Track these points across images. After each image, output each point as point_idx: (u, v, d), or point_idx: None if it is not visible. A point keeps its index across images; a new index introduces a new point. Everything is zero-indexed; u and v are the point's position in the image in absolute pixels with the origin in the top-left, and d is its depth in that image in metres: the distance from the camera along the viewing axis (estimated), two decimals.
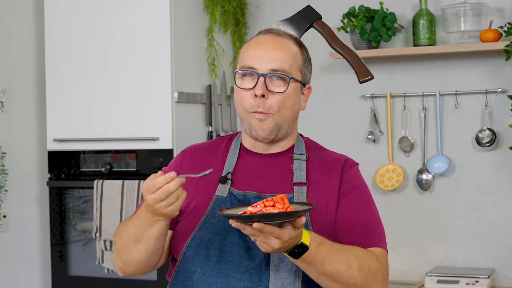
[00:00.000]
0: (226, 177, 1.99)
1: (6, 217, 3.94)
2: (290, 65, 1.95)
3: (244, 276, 1.89)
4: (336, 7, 3.95)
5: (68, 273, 3.91)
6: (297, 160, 2.01)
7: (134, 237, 1.91)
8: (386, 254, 1.96)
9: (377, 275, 1.89)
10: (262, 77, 1.92)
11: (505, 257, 3.72)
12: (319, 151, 2.07)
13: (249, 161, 2.03)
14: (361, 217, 1.97)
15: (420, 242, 3.86)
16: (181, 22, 3.73)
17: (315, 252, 1.79)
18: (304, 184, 1.97)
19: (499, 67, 3.70)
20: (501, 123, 3.71)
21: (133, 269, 1.99)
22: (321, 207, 1.94)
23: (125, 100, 3.73)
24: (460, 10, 3.65)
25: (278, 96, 1.93)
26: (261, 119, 1.95)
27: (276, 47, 1.96)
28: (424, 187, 3.83)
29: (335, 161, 2.03)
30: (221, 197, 1.98)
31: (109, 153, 3.79)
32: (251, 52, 1.97)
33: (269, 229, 1.69)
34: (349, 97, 3.98)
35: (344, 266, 1.83)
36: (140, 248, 1.92)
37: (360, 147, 3.96)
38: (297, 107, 2.00)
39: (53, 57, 3.88)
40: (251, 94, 1.94)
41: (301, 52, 2.01)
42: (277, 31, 2.02)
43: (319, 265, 1.81)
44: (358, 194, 2.00)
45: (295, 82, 1.97)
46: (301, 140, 2.07)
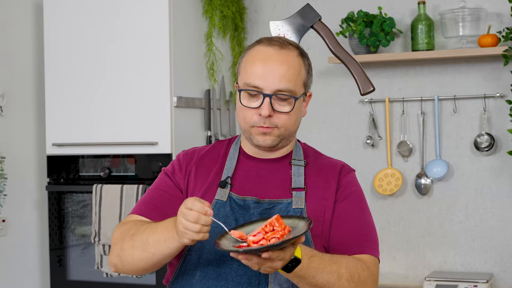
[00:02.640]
0: (225, 182, 2.00)
1: (5, 221, 3.94)
2: (295, 83, 1.95)
3: (243, 280, 1.90)
4: (334, 12, 3.96)
5: (67, 277, 3.90)
6: (296, 165, 2.03)
7: (145, 244, 1.88)
8: (377, 262, 1.98)
9: (367, 283, 1.90)
10: (268, 98, 1.92)
11: (503, 261, 3.72)
12: (316, 156, 2.09)
13: (248, 166, 2.04)
14: (355, 223, 1.98)
15: (419, 247, 3.86)
16: (180, 26, 3.74)
17: (308, 264, 1.80)
18: (303, 189, 1.98)
19: (497, 72, 3.71)
20: (500, 128, 3.71)
21: (128, 271, 1.97)
22: (318, 212, 1.96)
23: (124, 105, 3.73)
24: (458, 15, 3.66)
25: (283, 115, 1.95)
26: (265, 133, 1.96)
27: (281, 64, 1.94)
28: (422, 191, 3.83)
29: (333, 167, 2.05)
30: (220, 201, 1.99)
31: (108, 157, 3.80)
32: (256, 69, 1.94)
33: (276, 256, 1.69)
34: (347, 102, 3.99)
35: (334, 277, 1.84)
36: (147, 257, 1.90)
37: (358, 152, 3.96)
38: (301, 117, 2.03)
39: (52, 62, 3.89)
40: (256, 112, 1.94)
41: (304, 64, 1.99)
42: (279, 41, 1.99)
43: (311, 277, 1.82)
44: (353, 200, 2.01)
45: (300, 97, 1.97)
46: (299, 146, 2.09)
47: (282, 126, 1.96)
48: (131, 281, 3.72)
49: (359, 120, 3.96)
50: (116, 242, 1.98)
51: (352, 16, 3.82)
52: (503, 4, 3.68)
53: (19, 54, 4.08)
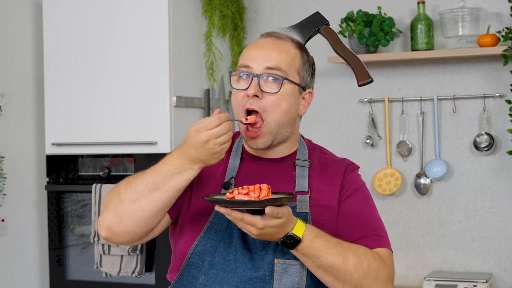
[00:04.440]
0: (229, 183, 1.98)
1: (4, 221, 3.93)
2: (287, 65, 1.93)
3: (247, 286, 1.88)
4: (334, 12, 3.96)
5: (66, 277, 3.90)
6: (300, 166, 1.99)
7: (152, 184, 1.83)
8: (391, 255, 1.93)
9: (379, 274, 1.85)
10: (256, 78, 1.90)
11: (503, 261, 3.72)
12: (321, 155, 2.05)
13: (252, 166, 2.01)
14: (362, 218, 1.96)
15: (418, 247, 3.86)
16: (179, 26, 3.74)
17: (309, 244, 1.81)
18: (307, 192, 1.95)
19: (497, 72, 3.71)
20: (499, 127, 3.71)
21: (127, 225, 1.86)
22: (323, 216, 1.94)
23: (124, 104, 3.73)
24: (458, 15, 3.66)
25: (271, 97, 1.91)
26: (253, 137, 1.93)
27: (274, 48, 1.95)
28: (422, 191, 3.83)
29: (337, 167, 2.02)
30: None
31: (107, 157, 3.79)
32: (249, 52, 1.96)
33: (236, 215, 1.74)
34: (347, 101, 3.99)
35: (339, 260, 1.82)
36: (155, 197, 1.83)
37: (358, 152, 3.96)
38: (294, 110, 1.97)
39: (52, 61, 3.88)
40: (245, 94, 1.92)
41: (301, 55, 1.98)
42: (278, 34, 2.00)
43: (315, 258, 1.82)
44: (358, 196, 1.99)
45: (291, 83, 1.94)
46: (304, 144, 2.06)
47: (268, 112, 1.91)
48: (131, 281, 3.72)
49: (359, 120, 3.97)
50: (110, 200, 1.89)
51: (352, 15, 3.82)
52: (502, 4, 3.68)
53: (18, 54, 4.08)
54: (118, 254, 3.64)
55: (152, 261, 3.68)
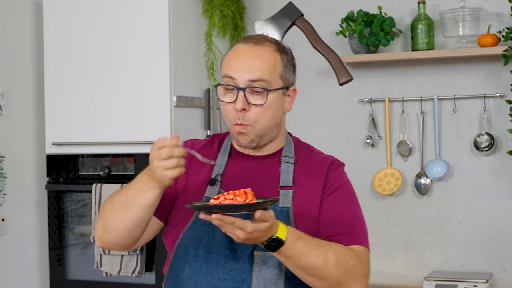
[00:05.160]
0: (215, 179, 2.04)
1: (5, 220, 3.93)
2: (269, 74, 1.97)
3: (228, 276, 1.95)
4: (334, 12, 3.96)
5: (66, 277, 3.90)
6: (285, 162, 2.05)
7: (124, 203, 1.93)
8: (367, 252, 1.99)
9: (356, 271, 1.92)
10: (241, 91, 1.95)
11: (503, 261, 3.72)
12: (307, 153, 2.10)
13: (239, 163, 2.07)
14: (343, 215, 2.00)
15: (419, 247, 3.86)
16: (179, 26, 3.74)
17: (292, 246, 1.84)
18: (290, 187, 2.01)
19: (497, 72, 3.71)
20: (499, 127, 3.71)
21: (112, 238, 1.99)
22: (305, 211, 1.99)
23: (124, 104, 3.73)
24: (458, 15, 3.66)
25: (258, 108, 1.96)
26: (241, 132, 1.99)
27: (254, 57, 1.98)
28: (422, 191, 3.83)
29: (322, 163, 2.06)
30: (209, 198, 2.01)
31: (107, 157, 3.79)
32: (230, 62, 1.99)
33: (228, 220, 1.76)
34: (347, 101, 3.99)
35: (321, 260, 1.87)
36: (127, 216, 1.94)
37: (358, 152, 3.96)
38: (280, 112, 2.03)
39: (52, 61, 3.88)
40: (233, 107, 1.98)
41: (281, 58, 2.01)
42: (256, 38, 2.03)
43: (296, 259, 1.86)
44: (341, 193, 2.03)
45: (276, 91, 1.99)
46: (291, 141, 2.11)
47: (256, 122, 1.97)
48: (131, 281, 3.72)
49: (359, 120, 3.96)
50: (99, 216, 2.04)
51: (352, 15, 3.82)
52: (503, 4, 3.68)
53: (19, 54, 4.08)
54: (118, 254, 3.64)
55: (152, 261, 3.68)
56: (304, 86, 4.05)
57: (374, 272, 4.00)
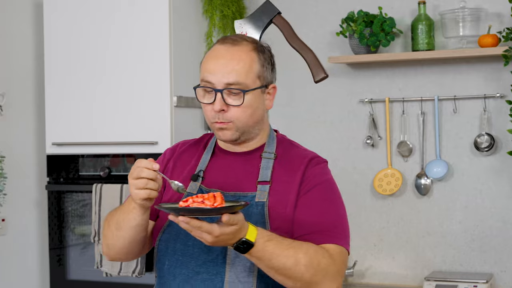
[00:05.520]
0: (197, 175, 2.09)
1: (5, 220, 3.94)
2: (245, 76, 2.01)
3: (203, 269, 1.99)
4: (335, 12, 3.96)
5: (66, 277, 3.90)
6: (265, 158, 2.08)
7: (116, 223, 2.02)
8: (342, 251, 1.99)
9: (328, 271, 1.92)
10: (219, 93, 1.99)
11: (503, 261, 3.72)
12: (289, 148, 2.13)
13: (221, 159, 2.12)
14: (318, 214, 2.00)
15: (419, 247, 3.86)
16: (180, 26, 3.74)
17: (262, 248, 1.86)
18: (268, 182, 2.03)
19: (497, 72, 3.71)
20: (500, 128, 3.71)
21: (116, 254, 2.10)
22: (280, 206, 2.01)
23: (124, 104, 3.73)
24: (458, 15, 3.66)
25: (236, 108, 2.01)
26: (221, 128, 2.04)
27: (230, 59, 2.01)
28: (422, 191, 3.83)
29: (301, 159, 2.08)
30: (191, 194, 2.06)
31: (108, 157, 3.80)
32: (207, 65, 2.03)
33: (195, 224, 1.78)
34: (347, 101, 3.99)
35: (291, 261, 1.88)
36: (120, 235, 2.03)
37: (358, 152, 3.96)
38: (260, 110, 2.06)
39: (52, 61, 3.88)
40: (211, 108, 2.02)
41: (258, 57, 2.05)
42: (233, 39, 2.06)
43: (267, 260, 1.88)
44: (318, 191, 2.03)
45: (253, 91, 2.02)
46: (273, 137, 2.14)
47: (236, 120, 2.01)
48: (131, 281, 3.72)
49: (359, 120, 3.96)
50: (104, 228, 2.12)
51: (352, 16, 3.82)
52: (503, 4, 3.68)
53: (19, 54, 4.08)
54: None
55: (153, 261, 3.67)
56: (304, 86, 4.05)
57: (374, 272, 4.01)
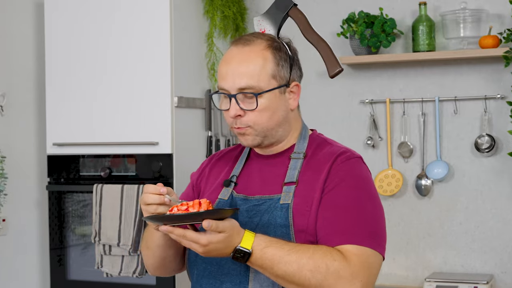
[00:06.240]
0: (230, 180, 2.03)
1: (5, 221, 3.94)
2: (258, 78, 1.93)
3: (227, 278, 1.93)
4: (335, 13, 3.96)
5: (67, 277, 3.90)
6: (294, 159, 2.00)
7: (145, 242, 2.05)
8: (362, 253, 1.85)
9: (340, 274, 1.80)
10: (233, 99, 1.94)
11: (503, 262, 3.72)
12: (322, 147, 2.03)
13: (254, 164, 2.06)
14: (339, 213, 1.88)
15: (419, 248, 3.86)
16: (181, 27, 3.74)
17: (261, 256, 1.80)
18: (294, 183, 1.95)
19: (498, 73, 3.71)
20: (500, 129, 3.71)
21: (153, 271, 2.12)
22: (305, 206, 1.92)
23: (125, 105, 3.73)
24: (459, 16, 3.66)
25: (252, 113, 1.94)
26: (241, 133, 1.98)
27: (241, 61, 1.95)
28: (423, 192, 3.83)
29: (330, 156, 1.98)
30: (222, 200, 2.02)
31: (108, 157, 3.80)
32: (220, 70, 1.98)
33: (178, 232, 1.76)
34: (348, 102, 3.99)
35: (294, 267, 1.80)
36: (150, 254, 2.05)
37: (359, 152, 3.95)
38: (281, 111, 1.98)
39: (53, 61, 3.88)
40: (228, 114, 1.97)
41: (273, 56, 1.97)
42: (246, 38, 2.00)
43: (270, 268, 1.81)
44: (343, 188, 1.92)
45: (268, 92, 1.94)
46: (305, 137, 2.06)
47: (254, 124, 1.95)
48: (131, 281, 3.72)
49: (360, 121, 3.97)
50: None
51: (353, 16, 3.82)
52: (504, 6, 3.68)
53: (20, 54, 4.08)
54: (119, 254, 3.64)
55: None
56: (305, 87, 4.05)
57: None
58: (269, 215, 1.92)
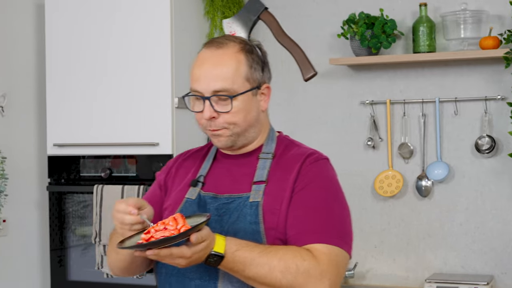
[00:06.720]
0: (197, 180, 2.06)
1: (6, 221, 3.94)
2: (232, 80, 1.95)
3: (196, 275, 1.95)
4: (336, 14, 3.96)
5: (67, 278, 3.91)
6: (262, 159, 2.03)
7: (114, 247, 1.98)
8: (330, 252, 1.89)
9: (310, 273, 1.84)
10: (207, 101, 1.95)
11: (504, 263, 3.72)
12: (289, 148, 2.07)
13: (221, 164, 2.09)
14: (308, 213, 1.93)
15: (419, 249, 3.86)
16: (181, 27, 3.74)
17: (232, 259, 1.82)
18: (263, 182, 1.98)
19: (498, 74, 3.71)
20: (501, 130, 3.71)
21: (119, 273, 2.12)
22: (275, 205, 1.95)
23: (125, 105, 3.73)
24: (460, 17, 3.66)
25: (226, 115, 1.96)
26: (216, 135, 2.00)
27: (215, 64, 1.96)
28: (423, 193, 3.83)
29: (299, 157, 2.02)
30: (190, 199, 2.04)
31: (109, 158, 3.80)
32: (194, 74, 1.99)
33: (165, 253, 1.75)
34: (348, 103, 3.99)
35: (265, 269, 1.83)
36: (120, 259, 2.04)
37: (359, 154, 3.96)
38: (254, 113, 2.01)
39: (54, 62, 3.89)
40: (202, 116, 1.98)
41: (246, 59, 1.99)
42: (218, 41, 2.01)
43: (241, 271, 1.84)
44: (312, 189, 1.96)
45: (242, 94, 1.97)
46: (273, 138, 2.09)
47: (229, 126, 1.98)
48: (132, 282, 3.72)
49: (360, 122, 3.97)
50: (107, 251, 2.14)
51: (354, 17, 3.82)
52: (504, 7, 3.68)
53: (20, 55, 4.08)
54: None
55: None
56: (305, 88, 4.05)
57: (375, 274, 4.01)
58: (238, 213, 1.95)
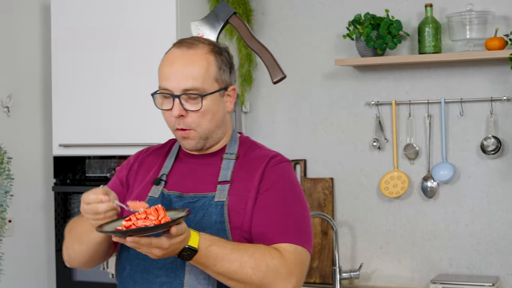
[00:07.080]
0: (160, 179, 2.09)
1: (12, 222, 3.94)
2: (202, 80, 1.99)
3: (161, 272, 1.98)
4: (341, 15, 3.96)
5: (73, 278, 3.91)
6: (226, 159, 2.07)
7: (79, 238, 2.04)
8: (296, 251, 1.96)
9: (279, 271, 1.91)
10: (177, 99, 1.99)
11: (509, 264, 3.72)
12: (252, 149, 2.12)
13: (184, 163, 2.12)
14: (275, 213, 1.99)
15: (425, 250, 3.86)
16: (187, 28, 3.74)
17: (205, 253, 1.85)
18: (228, 182, 2.03)
19: (504, 75, 3.70)
20: (506, 131, 3.71)
21: (78, 265, 2.13)
22: (240, 204, 2.00)
23: (131, 106, 3.74)
24: (465, 18, 3.66)
25: (195, 114, 2.00)
26: (184, 137, 2.04)
27: (186, 64, 2.00)
28: (428, 194, 3.83)
29: (262, 159, 2.07)
30: (153, 197, 2.06)
31: (114, 158, 3.80)
32: (164, 72, 2.03)
33: (145, 241, 1.77)
34: (354, 104, 3.99)
35: (236, 265, 1.88)
36: (83, 249, 2.05)
37: (365, 154, 3.96)
38: (220, 113, 2.05)
39: (59, 63, 3.89)
40: (170, 114, 2.02)
41: (215, 60, 2.04)
42: (189, 42, 2.06)
43: (212, 266, 1.87)
44: (276, 191, 2.02)
45: (211, 94, 2.01)
46: (236, 139, 2.13)
47: (197, 126, 2.01)
48: None
49: (366, 123, 3.96)
50: (64, 237, 2.13)
51: (359, 18, 3.82)
52: (510, 7, 3.68)
53: (26, 55, 4.09)
54: None
55: None
56: (311, 89, 4.05)
57: (380, 275, 4.00)
58: (204, 212, 1.98)
